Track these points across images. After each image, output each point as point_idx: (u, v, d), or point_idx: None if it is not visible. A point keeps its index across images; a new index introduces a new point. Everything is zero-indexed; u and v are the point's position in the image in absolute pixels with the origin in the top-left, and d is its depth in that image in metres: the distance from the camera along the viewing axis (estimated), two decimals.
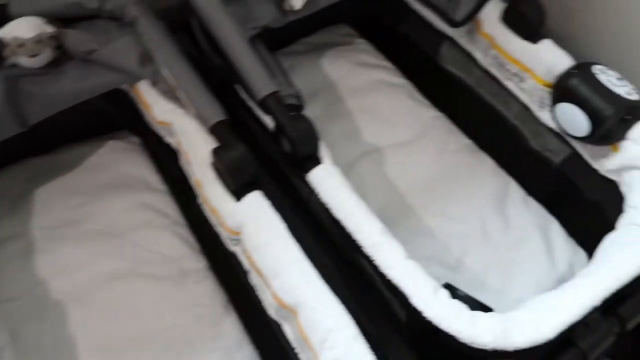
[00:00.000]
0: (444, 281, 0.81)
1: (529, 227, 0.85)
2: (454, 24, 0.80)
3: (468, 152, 0.93)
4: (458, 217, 0.86)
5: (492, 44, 0.80)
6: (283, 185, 0.68)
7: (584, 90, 0.69)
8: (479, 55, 0.84)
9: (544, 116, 0.78)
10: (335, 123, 0.94)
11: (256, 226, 0.59)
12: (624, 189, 0.71)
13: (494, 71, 0.82)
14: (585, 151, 0.77)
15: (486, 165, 0.92)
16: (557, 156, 0.82)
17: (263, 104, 0.63)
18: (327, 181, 0.63)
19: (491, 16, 0.79)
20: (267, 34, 0.79)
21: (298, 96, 0.72)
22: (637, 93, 0.69)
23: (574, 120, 0.71)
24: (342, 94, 0.98)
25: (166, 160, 0.74)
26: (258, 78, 0.63)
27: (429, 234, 0.85)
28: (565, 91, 0.71)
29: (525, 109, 0.81)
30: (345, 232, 0.61)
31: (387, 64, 1.02)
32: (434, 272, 0.81)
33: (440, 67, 0.93)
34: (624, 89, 0.69)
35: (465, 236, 0.84)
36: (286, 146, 0.64)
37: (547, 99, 0.77)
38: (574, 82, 0.70)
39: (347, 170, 0.89)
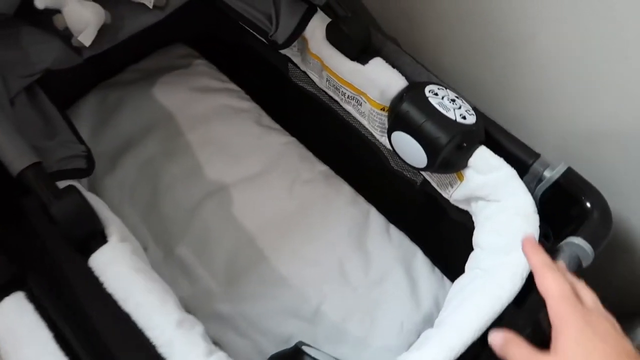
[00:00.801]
0: (300, 336, 0.73)
1: (390, 262, 0.77)
2: (277, 46, 0.70)
3: (323, 180, 0.84)
4: (313, 259, 0.77)
5: (322, 65, 0.70)
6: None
7: (415, 116, 0.61)
8: (315, 77, 0.75)
9: (387, 142, 0.70)
10: (174, 162, 0.83)
11: (14, 341, 0.48)
12: (474, 219, 0.64)
13: (332, 94, 0.73)
14: (433, 179, 0.69)
15: (344, 193, 0.83)
16: (417, 177, 0.74)
17: (20, 180, 0.51)
18: (111, 266, 0.52)
19: (317, 34, 0.69)
20: (63, 74, 0.67)
21: (87, 156, 0.60)
22: (472, 114, 0.62)
23: (410, 149, 0.63)
24: (181, 127, 0.86)
25: None
26: (12, 149, 0.51)
27: (283, 282, 0.75)
28: (397, 118, 0.62)
29: (370, 134, 0.72)
30: (137, 329, 0.50)
31: (231, 85, 0.91)
32: (289, 327, 0.73)
33: (291, 82, 0.83)
34: (458, 112, 0.61)
35: (322, 280, 0.75)
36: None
37: (386, 124, 0.68)
38: (405, 107, 0.61)
39: (189, 216, 0.79)
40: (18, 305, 0.49)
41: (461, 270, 0.63)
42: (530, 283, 0.54)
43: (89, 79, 0.85)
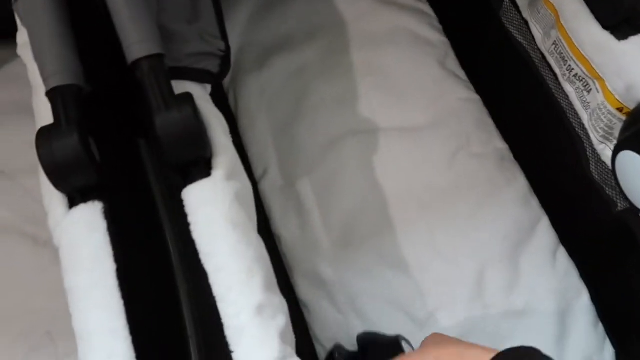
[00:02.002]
0: (406, 337, 0.60)
1: (544, 292, 0.60)
2: None
3: (497, 160, 0.66)
4: (450, 253, 0.62)
5: (557, 21, 0.50)
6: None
7: None
8: (538, 32, 0.55)
9: (606, 153, 0.50)
10: (327, 81, 0.69)
11: (75, 257, 0.40)
12: None
13: (553, 63, 0.54)
14: None
15: (516, 186, 0.65)
16: (621, 200, 0.55)
17: (133, 71, 0.41)
18: (205, 207, 0.41)
19: None
20: None
21: (224, 57, 0.48)
22: None
23: (637, 181, 0.43)
24: (349, 42, 0.71)
25: None
26: (134, 30, 0.40)
27: (404, 269, 0.62)
28: (638, 134, 0.42)
29: (584, 132, 0.53)
30: (210, 294, 0.40)
31: (424, 7, 0.73)
32: (393, 322, 0.60)
33: (501, 25, 0.63)
34: None
35: (451, 283, 0.61)
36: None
37: (616, 130, 0.48)
38: None
39: (324, 150, 0.67)
40: (92, 217, 0.40)
41: (635, 342, 0.45)
42: None
43: None
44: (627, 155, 0.44)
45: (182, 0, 0.48)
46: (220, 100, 0.72)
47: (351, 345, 0.60)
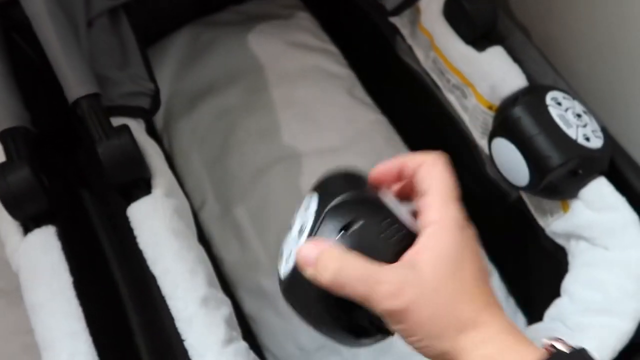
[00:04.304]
0: None
1: None
2: (386, 12, 0.61)
3: None
4: None
5: (431, 44, 0.61)
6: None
7: (527, 125, 0.50)
8: (420, 54, 0.65)
9: (486, 147, 0.60)
10: (251, 117, 0.77)
11: (34, 276, 0.45)
12: (570, 260, 0.54)
13: (435, 78, 0.64)
14: (530, 202, 0.58)
15: None
16: (513, 191, 0.64)
17: (74, 110, 0.47)
18: (148, 220, 0.47)
19: (433, 7, 0.59)
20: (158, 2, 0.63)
21: (154, 96, 0.55)
22: (600, 136, 0.50)
23: (511, 162, 0.53)
24: (268, 81, 0.80)
25: None
26: (73, 74, 0.47)
27: None
28: (505, 123, 0.52)
29: (468, 133, 0.62)
30: (160, 296, 0.46)
31: (330, 47, 0.84)
32: None
33: (396, 56, 0.74)
34: (582, 131, 0.50)
35: None
36: None
37: (490, 126, 0.58)
38: (517, 112, 0.51)
39: (254, 178, 0.74)
40: (46, 239, 0.45)
41: (541, 313, 0.53)
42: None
43: (185, 13, 0.81)
44: (498, 142, 0.53)
45: (112, 50, 0.55)
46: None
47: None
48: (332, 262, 0.33)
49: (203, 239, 0.72)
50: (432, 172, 0.35)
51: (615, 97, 0.61)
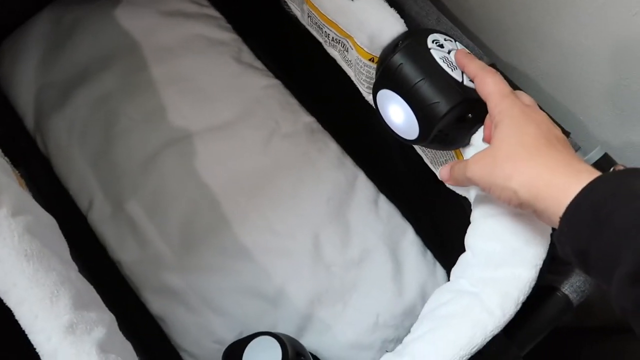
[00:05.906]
0: (259, 319, 0.63)
1: (374, 239, 0.65)
2: None
3: (307, 134, 0.71)
4: (283, 229, 0.65)
5: None
6: None
7: (409, 72, 0.46)
8: (296, 10, 0.60)
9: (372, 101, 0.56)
10: (132, 101, 0.70)
11: None
12: (472, 213, 0.51)
13: (315, 33, 0.59)
14: (426, 155, 0.55)
15: (329, 153, 0.70)
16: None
17: None
18: None
19: None
20: None
21: None
22: None
23: (398, 115, 0.49)
24: (145, 59, 0.73)
25: None
26: None
27: (245, 255, 0.64)
28: (386, 73, 0.48)
29: (356, 89, 0.58)
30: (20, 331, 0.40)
31: (210, 11, 0.76)
32: (247, 308, 0.63)
33: (283, 12, 0.68)
34: None
35: (290, 254, 0.64)
36: None
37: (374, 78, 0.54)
38: (397, 60, 0.47)
39: (144, 168, 0.68)
40: None
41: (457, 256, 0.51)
42: (525, 309, 0.42)
43: None
44: (382, 94, 0.49)
45: None
46: (29, 146, 0.70)
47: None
48: None
49: (96, 243, 0.66)
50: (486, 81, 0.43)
51: (504, 30, 0.57)
